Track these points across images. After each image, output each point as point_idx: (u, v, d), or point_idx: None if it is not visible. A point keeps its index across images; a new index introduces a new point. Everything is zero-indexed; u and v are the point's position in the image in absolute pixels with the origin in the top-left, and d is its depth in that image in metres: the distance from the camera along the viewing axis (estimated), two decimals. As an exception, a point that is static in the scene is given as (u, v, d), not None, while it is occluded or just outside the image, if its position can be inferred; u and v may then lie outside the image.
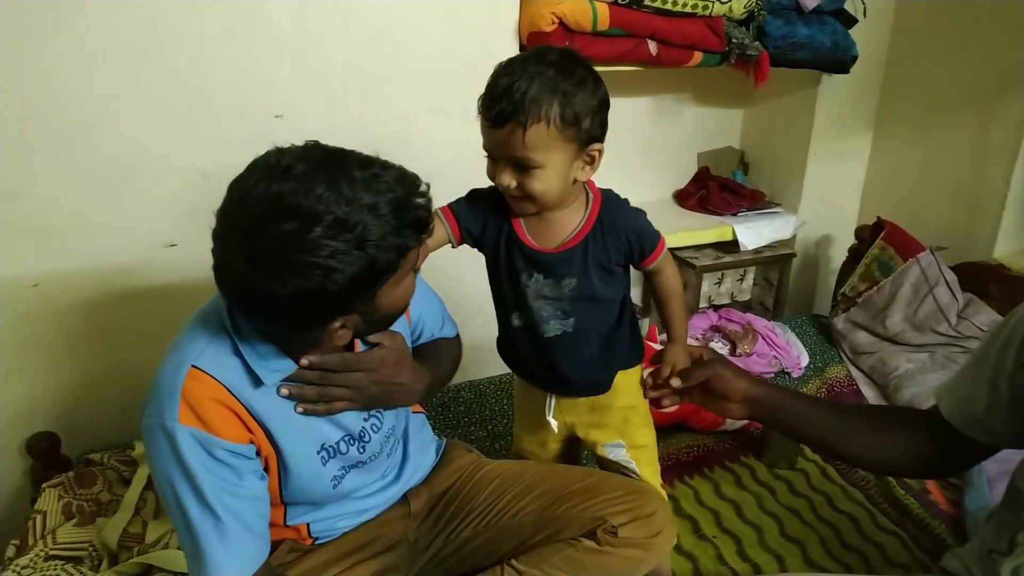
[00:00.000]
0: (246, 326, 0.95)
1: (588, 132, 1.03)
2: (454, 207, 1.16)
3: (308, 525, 1.12)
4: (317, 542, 1.13)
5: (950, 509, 1.58)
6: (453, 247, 1.18)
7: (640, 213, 1.17)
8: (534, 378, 1.27)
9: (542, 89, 0.97)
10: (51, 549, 1.26)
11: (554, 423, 1.28)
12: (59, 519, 1.33)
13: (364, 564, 1.13)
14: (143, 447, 1.48)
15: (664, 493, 1.39)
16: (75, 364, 1.62)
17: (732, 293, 2.73)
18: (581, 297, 1.14)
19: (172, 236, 1.62)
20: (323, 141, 0.96)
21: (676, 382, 1.15)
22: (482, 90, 1.04)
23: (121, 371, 1.65)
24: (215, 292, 0.94)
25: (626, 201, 1.18)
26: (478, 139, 1.04)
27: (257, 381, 0.96)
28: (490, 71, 1.84)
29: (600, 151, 1.07)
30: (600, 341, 1.20)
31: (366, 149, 0.95)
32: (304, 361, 0.99)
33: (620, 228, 1.13)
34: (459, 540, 1.21)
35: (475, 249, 1.20)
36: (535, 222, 1.13)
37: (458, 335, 1.33)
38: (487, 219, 1.16)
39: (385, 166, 0.89)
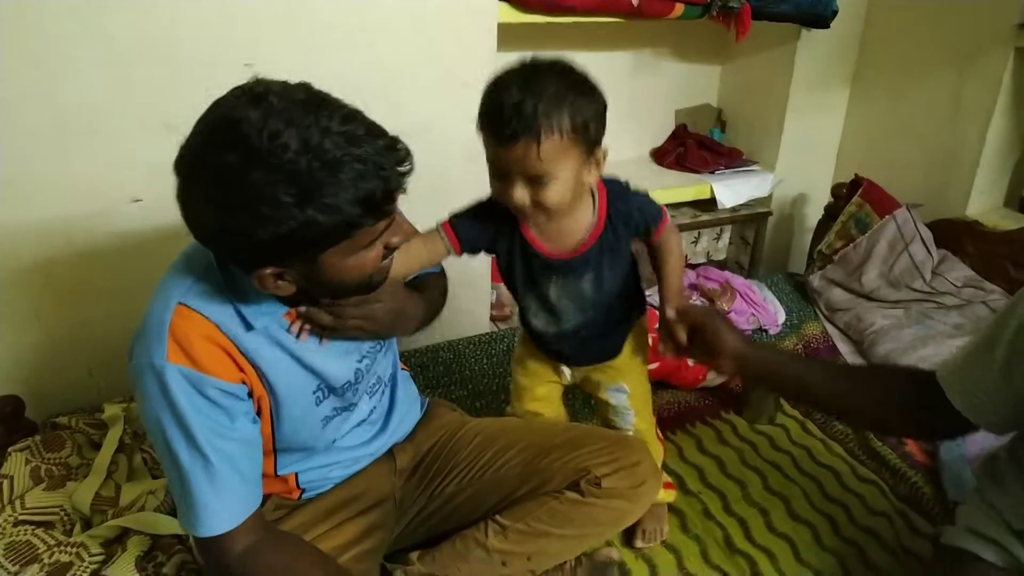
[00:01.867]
0: (234, 267, 0.91)
1: (595, 136, 1.03)
2: (455, 225, 1.14)
3: (297, 476, 1.09)
4: (304, 495, 1.11)
5: (925, 460, 1.61)
6: (456, 256, 1.17)
7: (642, 195, 1.18)
8: (551, 351, 1.30)
9: (551, 103, 0.96)
10: (20, 514, 1.22)
11: (567, 371, 1.32)
12: (27, 484, 1.29)
13: (351, 521, 1.11)
14: (111, 409, 1.45)
15: (661, 448, 1.41)
16: (39, 325, 1.56)
17: (708, 252, 2.74)
18: (598, 291, 1.17)
19: (137, 191, 1.55)
20: None
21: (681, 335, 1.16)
22: (464, 41, 1.00)
23: (87, 331, 1.59)
24: (193, 241, 0.88)
25: (626, 184, 1.18)
26: (461, 94, 1.00)
27: (247, 324, 0.92)
28: (468, 21, 1.79)
29: (605, 152, 1.06)
30: (614, 314, 1.23)
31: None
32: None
33: (629, 217, 1.15)
34: (443, 496, 1.21)
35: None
36: (546, 227, 1.13)
37: (443, 269, 1.30)
38: (495, 232, 1.15)
39: (372, 130, 0.81)
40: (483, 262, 2.03)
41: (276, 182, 0.75)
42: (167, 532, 1.22)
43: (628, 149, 2.59)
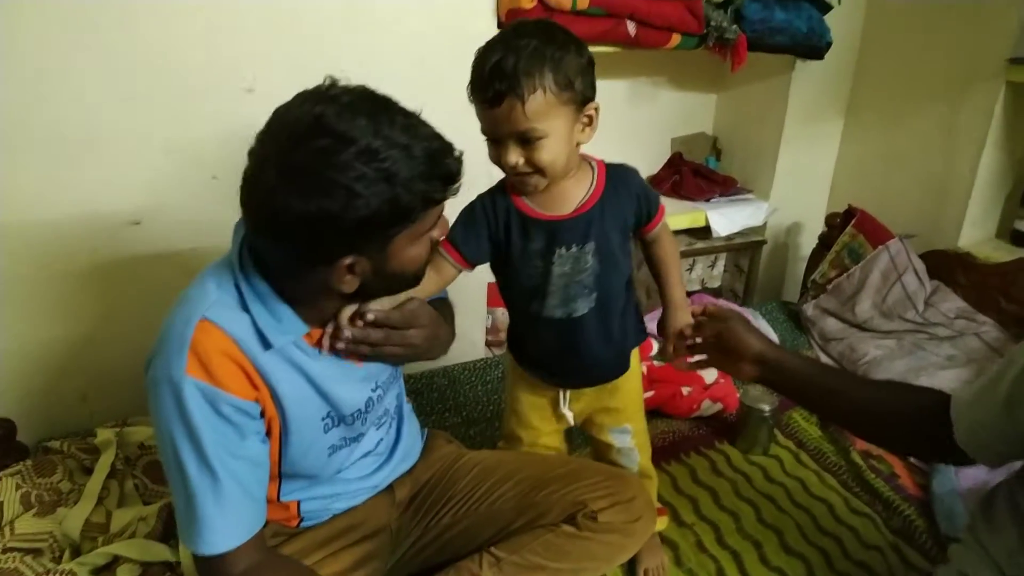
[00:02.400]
0: (257, 278, 0.93)
1: (582, 93, 1.03)
2: (454, 241, 1.14)
3: (299, 504, 1.09)
4: (303, 524, 1.11)
5: (917, 492, 1.61)
6: (467, 270, 1.17)
7: (640, 176, 1.19)
8: (555, 373, 1.26)
9: (531, 59, 0.98)
10: (9, 541, 1.21)
11: (570, 415, 1.29)
12: (17, 509, 1.28)
13: (347, 550, 1.11)
14: (103, 433, 1.44)
15: (654, 476, 1.41)
16: (33, 347, 1.55)
17: (703, 279, 2.75)
18: (603, 263, 1.14)
19: (136, 214, 1.56)
20: None
21: (689, 340, 1.16)
22: (458, 70, 1.03)
23: (82, 355, 1.59)
24: (226, 251, 0.95)
25: (632, 169, 1.19)
26: (457, 120, 1.01)
27: (266, 343, 0.93)
28: (467, 52, 1.81)
29: (596, 109, 1.07)
30: (619, 316, 1.22)
31: None
32: (369, 316, 0.99)
33: (631, 186, 1.15)
34: (439, 527, 1.20)
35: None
36: (542, 198, 1.13)
37: (447, 295, 1.30)
38: (489, 225, 1.14)
39: (425, 123, 0.90)
40: (479, 286, 2.04)
41: (366, 160, 0.82)
42: (157, 559, 1.21)
43: (624, 175, 2.61)
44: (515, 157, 1.03)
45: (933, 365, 1.94)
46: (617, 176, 1.15)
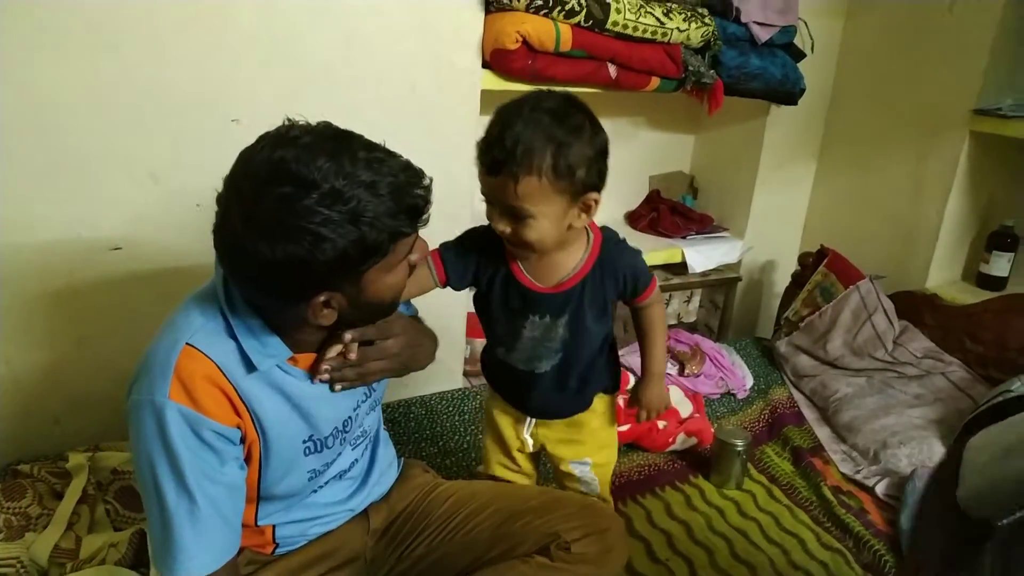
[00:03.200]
0: (242, 307, 0.94)
1: (583, 182, 1.01)
2: (443, 253, 1.16)
3: (274, 529, 1.09)
4: (278, 550, 1.10)
5: (887, 528, 1.64)
6: (441, 288, 1.18)
7: (637, 253, 1.19)
8: (515, 404, 1.29)
9: (535, 139, 0.96)
10: (-26, 566, 1.19)
11: (529, 441, 1.30)
12: (-16, 534, 1.25)
13: (320, 579, 1.10)
14: (75, 458, 1.42)
15: (610, 502, 1.42)
16: (7, 369, 1.53)
17: (679, 314, 2.78)
18: (573, 334, 1.15)
19: (117, 239, 1.56)
20: None
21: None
22: (447, 99, 1.04)
23: (56, 378, 1.57)
24: (207, 278, 0.95)
25: (624, 240, 1.19)
26: (442, 151, 1.04)
27: (250, 366, 0.94)
28: (456, 82, 1.85)
29: (597, 200, 1.05)
30: (583, 371, 1.23)
31: None
32: (347, 336, 1.00)
33: (618, 268, 1.15)
34: (413, 558, 1.20)
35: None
36: (534, 262, 1.13)
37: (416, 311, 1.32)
38: (479, 261, 1.16)
39: (391, 154, 0.90)
40: (459, 316, 2.05)
41: (330, 204, 0.82)
42: (127, 588, 1.19)
43: (603, 212, 2.59)
44: (503, 226, 1.04)
45: (901, 403, 1.98)
46: (609, 256, 1.14)
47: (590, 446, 1.30)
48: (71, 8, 1.39)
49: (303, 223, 0.82)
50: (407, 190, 0.88)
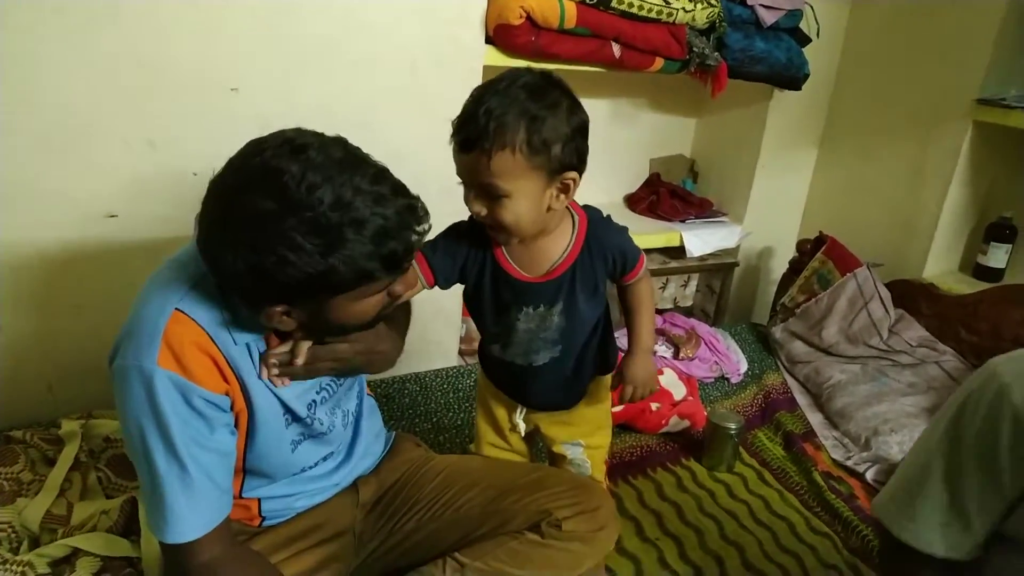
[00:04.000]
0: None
1: (560, 160, 0.98)
2: (426, 253, 1.12)
3: (260, 502, 1.09)
4: (264, 524, 1.10)
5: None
6: (428, 288, 1.16)
7: (623, 231, 1.17)
8: (514, 395, 1.28)
9: (508, 113, 0.93)
10: (-34, 529, 1.19)
11: (522, 426, 1.30)
12: (-25, 498, 1.26)
13: (310, 551, 1.10)
14: (68, 425, 1.42)
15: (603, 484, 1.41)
16: (0, 336, 1.53)
17: (675, 298, 2.78)
18: (569, 320, 1.13)
19: (113, 206, 1.55)
20: (280, 119, 0.94)
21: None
22: (448, 79, 1.00)
23: (50, 345, 1.57)
24: (189, 242, 0.93)
25: (609, 218, 1.17)
26: (444, 126, 1.02)
27: (233, 338, 0.94)
28: (457, 60, 1.83)
29: (575, 180, 1.02)
30: (581, 360, 1.22)
31: (326, 131, 0.92)
32: (303, 345, 0.98)
33: (607, 248, 1.12)
34: (403, 532, 1.20)
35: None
36: (519, 251, 1.11)
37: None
38: (466, 256, 1.13)
39: (398, 191, 0.87)
40: (455, 295, 2.04)
41: (306, 232, 0.80)
42: (118, 554, 1.19)
43: (603, 194, 2.64)
44: (478, 207, 1.01)
45: (895, 391, 1.99)
46: (596, 238, 1.11)
47: (583, 428, 1.30)
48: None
49: (273, 243, 0.80)
50: (396, 234, 0.85)
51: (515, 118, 0.93)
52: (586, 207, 1.16)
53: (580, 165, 1.02)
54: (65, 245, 1.52)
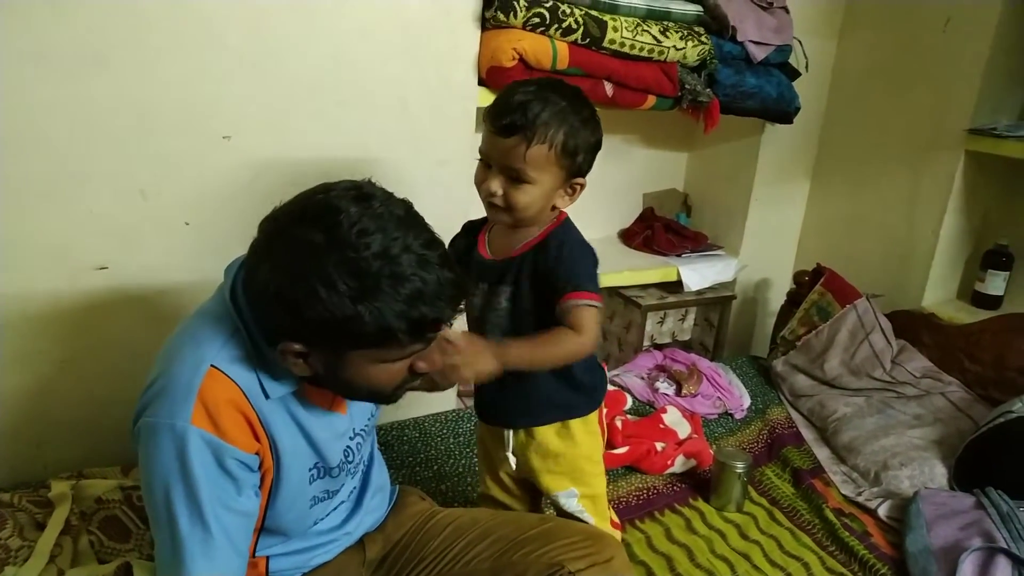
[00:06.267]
0: (256, 331, 0.91)
1: (579, 166, 1.12)
2: None
3: (268, 560, 1.05)
4: None
5: (891, 551, 1.61)
6: None
7: (587, 252, 1.15)
8: (479, 406, 1.29)
9: (553, 115, 1.06)
10: (-50, 602, 1.13)
11: (512, 459, 1.27)
12: (-40, 567, 1.20)
13: (318, 612, 1.06)
14: (58, 486, 1.37)
15: (618, 535, 1.37)
16: (-15, 393, 1.48)
17: (674, 332, 2.76)
18: (514, 310, 1.17)
19: (103, 258, 1.51)
20: (273, 165, 0.94)
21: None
22: (440, 119, 1.06)
23: (38, 401, 1.52)
24: (195, 300, 0.96)
25: (581, 238, 1.18)
26: (437, 168, 1.04)
27: (266, 392, 0.92)
28: (448, 101, 1.83)
29: (582, 185, 1.16)
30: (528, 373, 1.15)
31: (318, 176, 0.95)
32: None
33: (553, 248, 1.13)
34: (411, 590, 1.16)
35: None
36: (500, 235, 1.20)
37: None
38: (457, 254, 1.20)
39: (445, 262, 0.87)
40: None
41: (344, 273, 0.81)
42: (111, 624, 1.14)
43: (598, 229, 2.63)
44: (497, 187, 1.09)
45: (901, 424, 1.96)
46: (556, 237, 1.15)
47: (570, 476, 1.26)
48: (57, 26, 1.35)
49: (309, 275, 0.81)
50: (430, 301, 0.85)
51: (558, 122, 1.06)
52: (568, 218, 1.20)
53: (586, 173, 1.16)
54: (53, 298, 1.48)
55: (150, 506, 0.89)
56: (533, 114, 1.05)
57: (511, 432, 1.26)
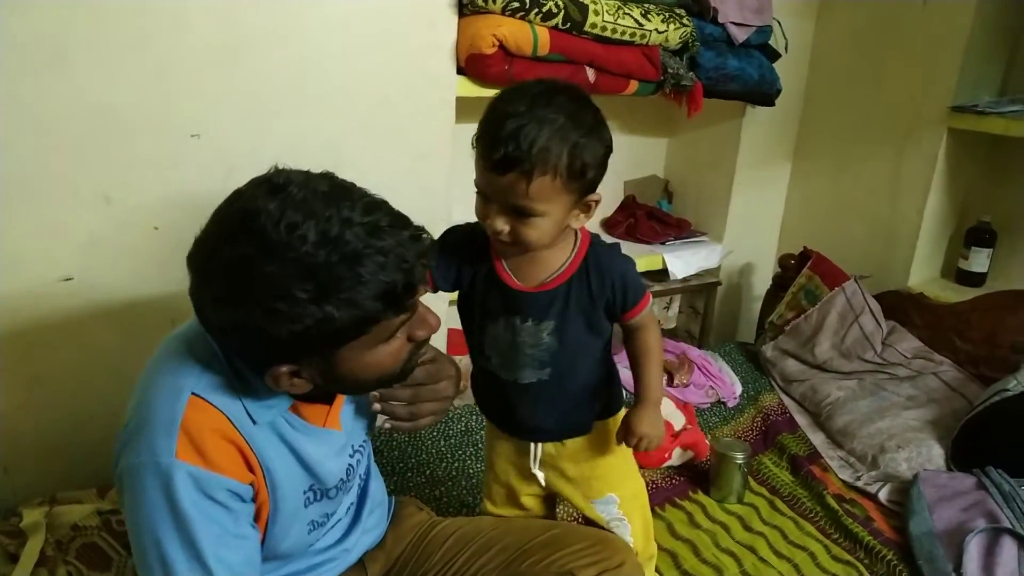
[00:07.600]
0: (239, 364, 0.84)
1: (591, 182, 0.98)
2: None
3: None
4: None
5: (894, 536, 1.59)
6: (433, 292, 1.08)
7: (629, 261, 1.10)
8: (505, 424, 1.19)
9: (552, 138, 0.90)
10: (-84, 647, 1.05)
11: (540, 475, 1.20)
12: (-74, 608, 1.12)
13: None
14: (31, 514, 1.28)
15: (655, 549, 1.33)
16: (-54, 417, 1.39)
17: (659, 321, 2.73)
18: (562, 343, 1.06)
19: (68, 268, 1.42)
20: (246, 162, 0.85)
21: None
22: (419, 112, 0.96)
23: (5, 424, 1.42)
24: (168, 310, 0.84)
25: (616, 246, 1.11)
26: (417, 162, 0.96)
27: (252, 418, 0.84)
28: (426, 92, 1.76)
29: (597, 201, 1.01)
30: (578, 389, 1.13)
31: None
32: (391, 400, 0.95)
33: (605, 272, 1.06)
34: (414, 605, 1.10)
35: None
36: (518, 261, 1.06)
37: None
38: (461, 261, 1.09)
39: (397, 221, 0.78)
40: (439, 333, 1.95)
41: (291, 276, 0.72)
42: (94, 660, 1.07)
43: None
44: (502, 225, 0.97)
45: (896, 405, 1.95)
46: (596, 258, 1.06)
47: (609, 479, 1.21)
48: (12, 20, 1.26)
49: (258, 294, 0.72)
50: (395, 268, 0.75)
51: (558, 145, 0.91)
52: (592, 234, 1.11)
53: (598, 184, 1.02)
54: (15, 313, 1.39)
55: (138, 553, 0.81)
56: (528, 142, 0.89)
57: (538, 445, 1.18)
